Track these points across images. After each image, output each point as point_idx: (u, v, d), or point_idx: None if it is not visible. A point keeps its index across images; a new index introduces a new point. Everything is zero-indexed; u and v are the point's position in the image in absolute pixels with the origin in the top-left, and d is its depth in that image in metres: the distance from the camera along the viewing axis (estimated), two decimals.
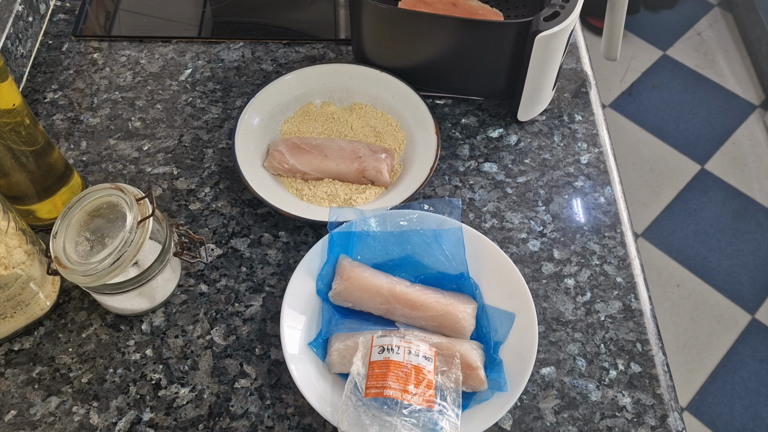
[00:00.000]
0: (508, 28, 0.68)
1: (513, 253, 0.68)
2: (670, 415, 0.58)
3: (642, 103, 1.99)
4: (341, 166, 0.70)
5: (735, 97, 1.99)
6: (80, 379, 0.60)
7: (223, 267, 0.66)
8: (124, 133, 0.76)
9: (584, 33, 0.89)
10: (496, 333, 0.59)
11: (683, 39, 2.14)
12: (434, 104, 0.79)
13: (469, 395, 0.56)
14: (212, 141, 0.76)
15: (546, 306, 0.64)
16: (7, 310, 0.58)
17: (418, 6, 0.78)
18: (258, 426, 0.58)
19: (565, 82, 0.81)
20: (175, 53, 0.84)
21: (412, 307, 0.59)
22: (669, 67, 2.07)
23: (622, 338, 0.62)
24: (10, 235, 0.55)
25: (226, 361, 0.61)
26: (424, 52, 0.73)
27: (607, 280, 0.66)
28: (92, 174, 0.73)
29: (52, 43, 0.85)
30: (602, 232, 0.69)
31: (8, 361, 0.61)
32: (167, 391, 0.59)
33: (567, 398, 0.59)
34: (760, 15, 2.01)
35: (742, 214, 1.75)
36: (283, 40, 0.85)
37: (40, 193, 0.64)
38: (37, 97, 0.79)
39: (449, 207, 0.65)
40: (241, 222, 0.69)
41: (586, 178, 0.73)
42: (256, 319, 0.63)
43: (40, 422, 0.57)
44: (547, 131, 0.77)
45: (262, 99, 0.74)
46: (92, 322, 0.63)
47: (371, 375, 0.54)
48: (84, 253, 0.54)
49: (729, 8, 2.21)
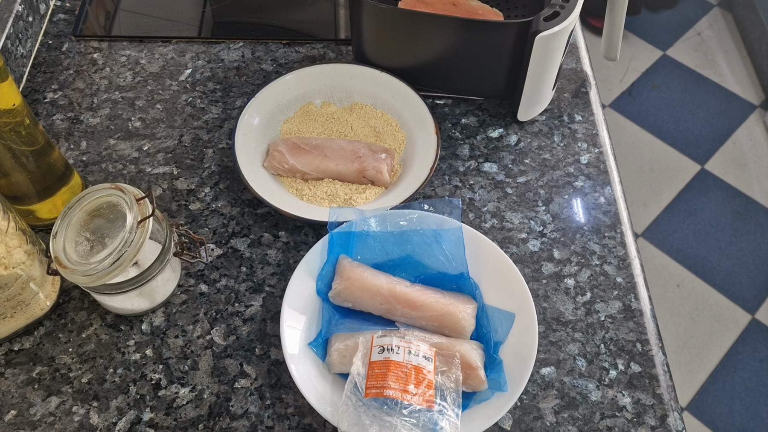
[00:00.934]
0: (508, 28, 0.68)
1: (513, 253, 0.68)
2: (670, 415, 0.58)
3: (642, 103, 1.99)
4: (341, 166, 0.70)
5: (735, 97, 1.99)
6: (80, 379, 0.60)
7: (223, 267, 0.66)
8: (124, 133, 0.76)
9: (584, 33, 0.89)
10: (496, 333, 0.59)
11: (683, 39, 2.14)
12: (434, 104, 0.79)
13: (469, 395, 0.56)
14: (212, 141, 0.76)
15: (546, 306, 0.64)
16: (7, 310, 0.58)
17: (418, 6, 0.78)
18: (258, 426, 0.58)
19: (565, 82, 0.81)
20: (175, 53, 0.84)
21: (412, 307, 0.59)
22: (669, 67, 2.07)
23: (622, 338, 0.62)
24: (10, 235, 0.55)
25: (226, 361, 0.61)
26: (424, 52, 0.73)
27: (607, 280, 0.66)
28: (92, 174, 0.73)
29: (52, 43, 0.85)
30: (602, 232, 0.69)
31: (8, 361, 0.61)
32: (167, 391, 0.59)
33: (567, 398, 0.59)
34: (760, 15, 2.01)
35: (742, 214, 1.75)
36: (283, 40, 0.85)
37: (40, 193, 0.64)
38: (37, 97, 0.79)
39: (449, 207, 0.65)
40: (241, 222, 0.69)
41: (586, 178, 0.73)
42: (256, 319, 0.63)
43: (40, 422, 0.57)
44: (547, 131, 0.77)
45: (262, 99, 0.74)
46: (92, 322, 0.63)
47: (371, 375, 0.54)
48: (84, 253, 0.54)
49: (729, 8, 2.21)
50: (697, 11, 2.21)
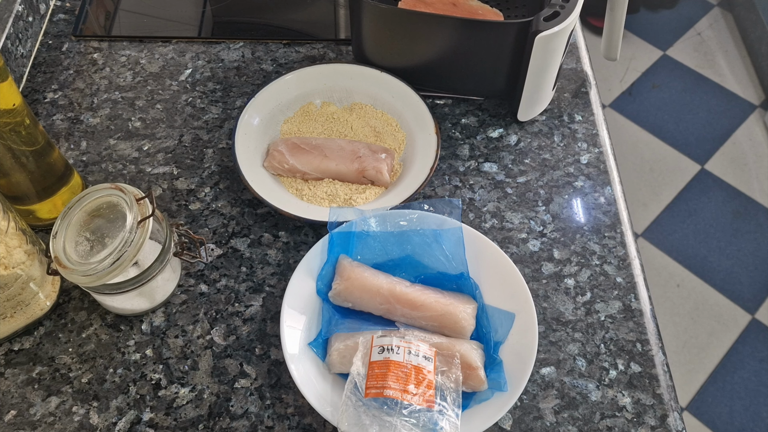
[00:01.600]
0: (508, 28, 0.68)
1: (513, 253, 0.68)
2: (670, 415, 0.58)
3: (642, 103, 1.99)
4: (341, 166, 0.70)
5: (735, 97, 1.99)
6: (80, 379, 0.60)
7: (223, 267, 0.66)
8: (124, 133, 0.76)
9: (584, 33, 0.89)
10: (496, 333, 0.59)
11: (683, 39, 2.14)
12: (434, 104, 0.79)
13: (469, 395, 0.56)
14: (212, 141, 0.76)
15: (546, 306, 0.64)
16: (7, 310, 0.58)
17: (418, 6, 0.78)
18: (258, 426, 0.58)
19: (565, 82, 0.81)
20: (175, 53, 0.84)
21: (412, 307, 0.59)
22: (669, 67, 2.07)
23: (622, 338, 0.62)
24: (10, 235, 0.55)
25: (226, 361, 0.61)
26: (424, 52, 0.73)
27: (607, 280, 0.66)
28: (92, 174, 0.73)
29: (52, 43, 0.85)
30: (602, 232, 0.69)
31: (8, 361, 0.61)
32: (167, 391, 0.59)
33: (567, 398, 0.59)
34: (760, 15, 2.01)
35: (742, 214, 1.75)
36: (283, 40, 0.85)
37: (40, 193, 0.64)
38: (37, 97, 0.79)
39: (449, 207, 0.65)
40: (241, 222, 0.69)
41: (586, 178, 0.73)
42: (256, 319, 0.63)
43: (40, 422, 0.57)
44: (547, 131, 0.77)
45: (262, 99, 0.74)
46: (92, 322, 0.63)
47: (371, 375, 0.54)
48: (84, 253, 0.54)
49: (729, 8, 2.21)
50: (697, 11, 2.21)
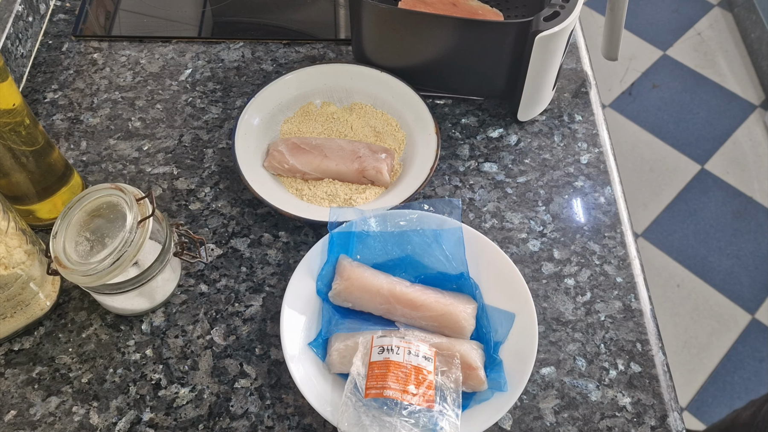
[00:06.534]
0: (508, 28, 0.68)
1: (513, 253, 0.68)
2: (670, 415, 0.58)
3: (642, 103, 1.99)
4: (341, 166, 0.70)
5: (735, 97, 1.99)
6: (80, 379, 0.60)
7: (223, 267, 0.66)
8: (124, 133, 0.76)
9: (584, 33, 0.89)
10: (496, 333, 0.59)
11: (683, 39, 2.14)
12: (434, 104, 0.79)
13: (469, 395, 0.56)
14: (212, 141, 0.76)
15: (546, 306, 0.64)
16: (7, 310, 0.58)
17: (418, 6, 0.78)
18: (258, 426, 0.58)
19: (565, 82, 0.81)
20: (175, 53, 0.84)
21: (412, 307, 0.59)
22: (669, 67, 2.07)
23: (622, 338, 0.62)
24: (10, 235, 0.55)
25: (226, 361, 0.61)
26: (424, 52, 0.73)
27: (607, 280, 0.66)
28: (92, 174, 0.73)
29: (52, 43, 0.85)
30: (602, 232, 0.69)
31: (8, 361, 0.61)
32: (167, 391, 0.59)
33: (567, 398, 0.59)
34: (760, 15, 2.01)
35: (742, 214, 1.75)
36: (283, 40, 0.85)
37: (40, 193, 0.64)
38: (37, 97, 0.79)
39: (449, 207, 0.65)
40: (241, 222, 0.69)
41: (586, 178, 0.73)
42: (256, 319, 0.63)
43: (40, 422, 0.57)
44: (547, 131, 0.77)
45: (262, 99, 0.74)
46: (92, 322, 0.63)
47: (371, 375, 0.54)
48: (84, 253, 0.54)
49: (729, 8, 2.21)
50: (697, 11, 2.21)
